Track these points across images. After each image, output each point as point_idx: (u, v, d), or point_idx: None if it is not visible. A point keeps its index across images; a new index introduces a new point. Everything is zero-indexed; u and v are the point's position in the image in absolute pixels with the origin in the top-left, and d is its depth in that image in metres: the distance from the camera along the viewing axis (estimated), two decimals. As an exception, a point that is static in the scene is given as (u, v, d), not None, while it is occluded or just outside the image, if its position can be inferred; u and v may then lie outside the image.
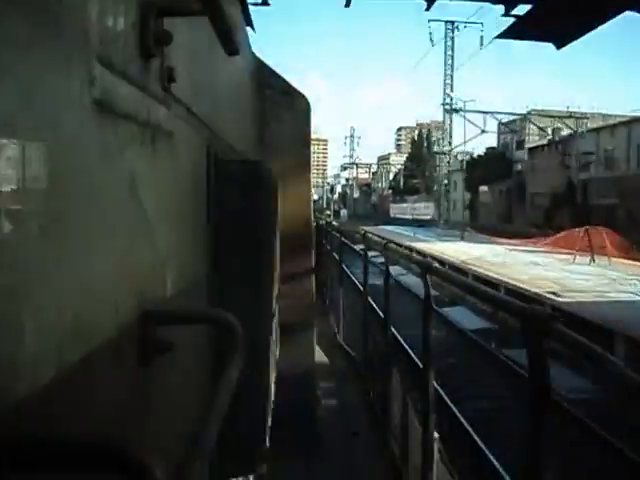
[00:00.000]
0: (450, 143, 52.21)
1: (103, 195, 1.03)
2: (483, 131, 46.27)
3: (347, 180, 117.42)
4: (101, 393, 1.03)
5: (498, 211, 51.23)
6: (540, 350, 1.83)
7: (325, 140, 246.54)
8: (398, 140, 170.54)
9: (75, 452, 0.63)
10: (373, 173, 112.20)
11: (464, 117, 45.92)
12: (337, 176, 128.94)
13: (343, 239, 10.71)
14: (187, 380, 1.68)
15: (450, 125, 51.07)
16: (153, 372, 1.31)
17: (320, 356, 6.35)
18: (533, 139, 49.01)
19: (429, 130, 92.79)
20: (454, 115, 48.09)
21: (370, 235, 9.22)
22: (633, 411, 6.22)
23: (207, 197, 2.13)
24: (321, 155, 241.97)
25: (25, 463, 0.67)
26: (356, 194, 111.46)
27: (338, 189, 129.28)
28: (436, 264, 3.67)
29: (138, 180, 1.23)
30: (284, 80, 4.72)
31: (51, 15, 0.83)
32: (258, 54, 4.68)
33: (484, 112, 45.20)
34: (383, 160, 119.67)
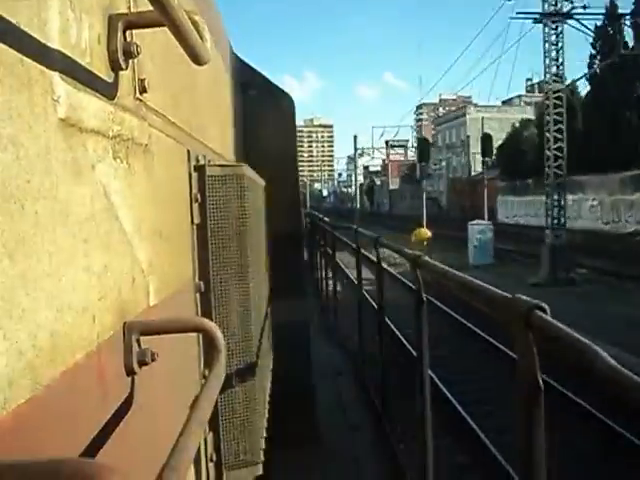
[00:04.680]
0: None
1: (76, 212, 1.03)
2: None
3: (384, 162, 70.94)
4: (83, 408, 1.04)
5: None
6: (526, 342, 1.82)
7: (330, 126, 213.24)
8: (419, 120, 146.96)
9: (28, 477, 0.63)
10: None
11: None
12: (350, 162, 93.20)
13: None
14: (172, 390, 1.69)
15: None
16: (137, 383, 1.31)
17: (316, 352, 6.35)
18: None
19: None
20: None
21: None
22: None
23: (190, 202, 2.13)
24: (326, 143, 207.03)
25: None
26: (393, 184, 70.98)
27: (360, 178, 79.90)
28: (426, 257, 3.66)
29: (114, 193, 1.23)
30: (267, 79, 4.70)
31: (10, 35, 0.83)
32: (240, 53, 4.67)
33: None
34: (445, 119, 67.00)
